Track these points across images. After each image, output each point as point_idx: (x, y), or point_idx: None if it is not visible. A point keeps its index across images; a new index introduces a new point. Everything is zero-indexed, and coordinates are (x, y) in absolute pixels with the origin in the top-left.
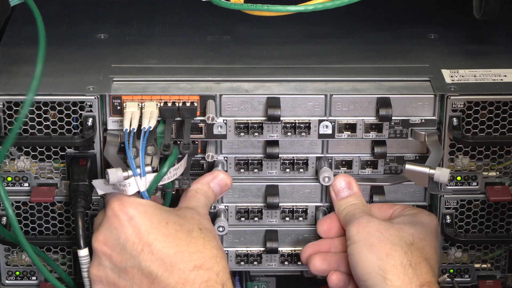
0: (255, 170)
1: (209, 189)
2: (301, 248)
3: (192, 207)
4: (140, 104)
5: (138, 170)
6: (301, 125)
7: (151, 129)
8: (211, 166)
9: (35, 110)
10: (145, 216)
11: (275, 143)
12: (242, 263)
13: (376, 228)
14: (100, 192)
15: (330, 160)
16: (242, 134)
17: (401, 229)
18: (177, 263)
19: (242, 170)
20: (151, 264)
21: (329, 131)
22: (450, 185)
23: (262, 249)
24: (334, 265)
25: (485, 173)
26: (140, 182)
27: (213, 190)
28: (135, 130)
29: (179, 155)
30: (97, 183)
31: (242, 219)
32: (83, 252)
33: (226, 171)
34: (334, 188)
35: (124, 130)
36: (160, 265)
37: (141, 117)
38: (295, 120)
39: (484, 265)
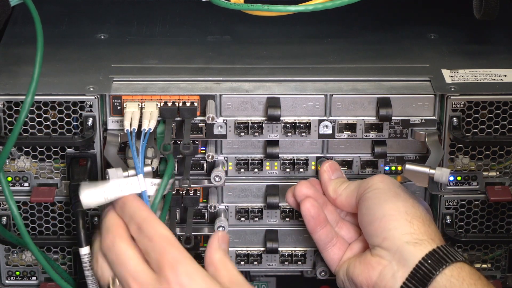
0: (255, 170)
1: (224, 250)
2: (301, 248)
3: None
4: (140, 104)
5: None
6: (301, 125)
7: (151, 131)
8: (211, 166)
9: (35, 110)
10: None
11: (275, 143)
12: (242, 263)
13: (398, 184)
14: (87, 206)
15: None
16: (242, 134)
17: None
18: None
19: (242, 170)
20: None
21: (329, 131)
22: (450, 185)
23: (262, 249)
24: (319, 199)
25: (485, 173)
26: (142, 182)
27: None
28: (135, 130)
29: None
30: (86, 194)
31: (242, 219)
32: (85, 250)
33: (226, 171)
34: (332, 167)
35: (125, 130)
36: None
37: (141, 117)
38: (295, 120)
39: (484, 265)
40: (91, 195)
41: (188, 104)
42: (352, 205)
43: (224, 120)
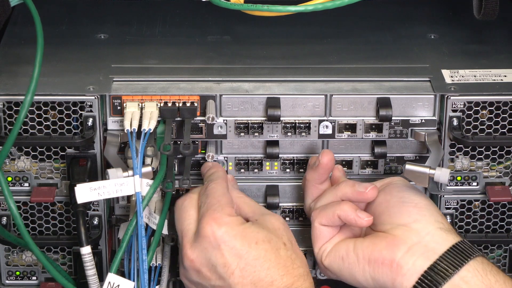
0: (255, 170)
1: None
2: (301, 248)
3: (259, 212)
4: (140, 104)
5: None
6: (301, 125)
7: (151, 131)
8: None
9: (35, 110)
10: (236, 239)
11: (275, 143)
12: None
13: None
14: (80, 200)
15: None
16: (242, 134)
17: None
18: (268, 286)
19: (242, 170)
20: (242, 287)
21: (329, 131)
22: (450, 185)
23: None
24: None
25: (485, 173)
26: (137, 183)
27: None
28: (136, 131)
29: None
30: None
31: None
32: (85, 250)
33: (227, 171)
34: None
35: (125, 130)
36: None
37: (141, 117)
38: (295, 120)
39: None
40: (85, 190)
41: (188, 104)
42: None
43: (224, 120)
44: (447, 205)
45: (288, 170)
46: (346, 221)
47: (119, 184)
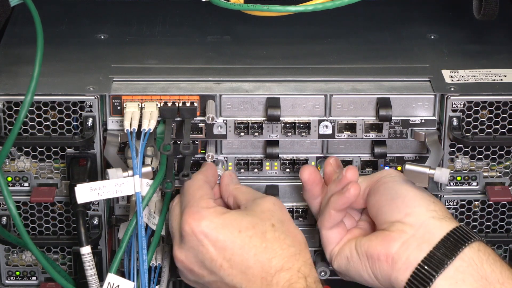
0: (255, 170)
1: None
2: None
3: (251, 198)
4: (140, 104)
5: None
6: (301, 125)
7: (151, 131)
8: None
9: (35, 110)
10: (218, 231)
11: (275, 143)
12: None
13: None
14: (81, 200)
15: None
16: (242, 134)
17: None
18: (258, 272)
19: (242, 170)
20: (233, 278)
21: (329, 131)
22: (450, 185)
23: None
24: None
25: (485, 173)
26: (137, 183)
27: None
28: (135, 131)
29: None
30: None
31: None
32: (85, 250)
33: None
34: (336, 163)
35: (125, 130)
36: (242, 278)
37: (141, 117)
38: (295, 120)
39: None
40: (85, 190)
41: (188, 104)
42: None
43: (224, 120)
44: (447, 205)
45: (288, 170)
46: (342, 204)
47: (119, 184)
